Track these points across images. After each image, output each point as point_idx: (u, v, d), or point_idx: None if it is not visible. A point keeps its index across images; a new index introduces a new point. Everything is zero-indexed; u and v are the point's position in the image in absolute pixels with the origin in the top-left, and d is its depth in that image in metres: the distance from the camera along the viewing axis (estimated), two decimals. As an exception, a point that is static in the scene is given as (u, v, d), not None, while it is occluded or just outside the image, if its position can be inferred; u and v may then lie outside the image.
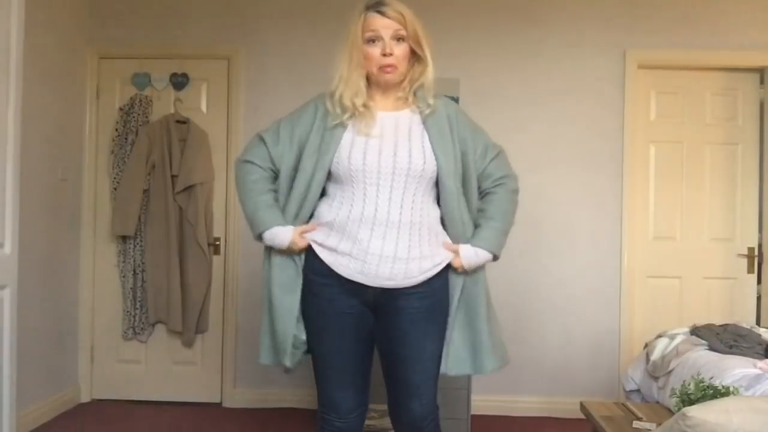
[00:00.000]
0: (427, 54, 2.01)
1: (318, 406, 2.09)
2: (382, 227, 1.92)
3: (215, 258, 4.11)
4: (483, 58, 4.07)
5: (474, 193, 2.08)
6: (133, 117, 4.07)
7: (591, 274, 4.02)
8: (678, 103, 4.12)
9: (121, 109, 4.11)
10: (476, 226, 2.09)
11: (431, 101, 2.01)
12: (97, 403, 4.10)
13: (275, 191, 2.07)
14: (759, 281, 4.08)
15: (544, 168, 4.04)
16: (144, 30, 4.13)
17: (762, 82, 4.09)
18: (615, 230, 4.03)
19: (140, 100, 4.09)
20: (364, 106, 1.96)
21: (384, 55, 1.93)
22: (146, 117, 4.09)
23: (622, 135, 4.03)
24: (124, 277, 4.08)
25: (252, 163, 2.09)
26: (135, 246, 4.06)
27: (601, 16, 4.05)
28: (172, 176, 4.00)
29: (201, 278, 4.02)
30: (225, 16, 4.13)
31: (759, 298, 4.08)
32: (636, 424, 2.42)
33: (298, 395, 3.99)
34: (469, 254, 2.04)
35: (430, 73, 2.01)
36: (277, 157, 2.05)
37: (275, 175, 2.07)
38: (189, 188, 3.98)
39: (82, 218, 4.10)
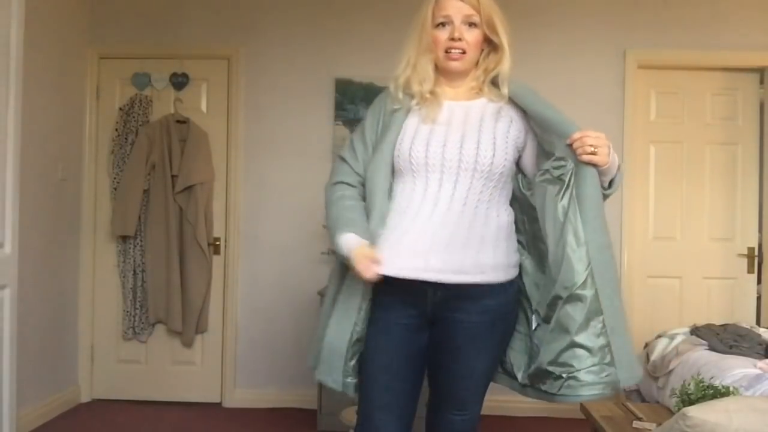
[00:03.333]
0: (504, 42, 1.87)
1: None
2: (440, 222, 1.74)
3: (215, 258, 4.11)
4: (483, 58, 4.07)
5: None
6: (133, 117, 4.07)
7: (591, 274, 4.01)
8: (678, 103, 4.12)
9: (121, 109, 4.11)
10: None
11: (506, 91, 1.87)
12: (97, 403, 4.10)
13: (362, 202, 1.85)
14: (759, 281, 4.08)
15: (544, 168, 4.03)
16: (144, 30, 4.13)
17: (762, 82, 4.09)
18: (615, 230, 4.02)
19: (140, 100, 4.10)
20: (431, 93, 1.83)
21: (452, 39, 1.80)
22: (146, 117, 4.09)
23: (622, 135, 4.02)
24: (124, 277, 4.08)
25: (338, 183, 1.88)
26: (135, 246, 4.06)
27: (601, 16, 4.05)
28: (172, 176, 3.99)
29: (201, 278, 4.02)
30: (225, 16, 4.13)
31: (759, 298, 4.08)
32: (636, 424, 2.42)
33: (298, 395, 3.99)
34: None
35: (507, 61, 1.88)
36: (361, 169, 1.86)
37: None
38: (189, 188, 3.98)
39: (82, 218, 4.10)
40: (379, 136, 1.84)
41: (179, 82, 4.12)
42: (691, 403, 2.10)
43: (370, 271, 1.68)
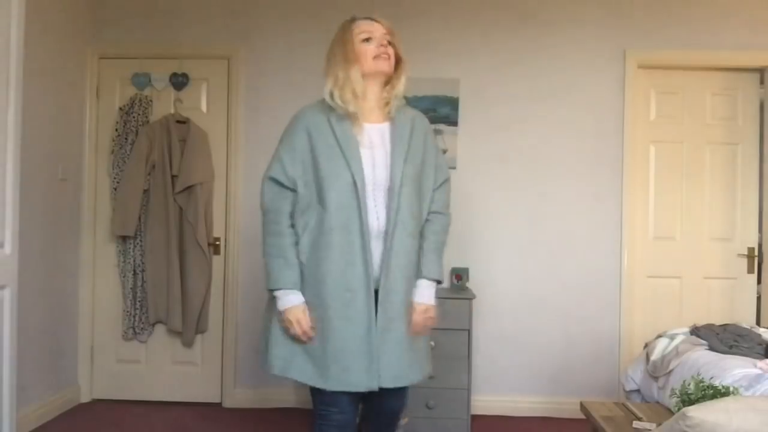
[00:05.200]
0: (404, 60, 2.23)
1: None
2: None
3: (215, 258, 4.11)
4: (483, 58, 4.07)
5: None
6: (133, 117, 4.07)
7: (591, 274, 4.02)
8: (678, 103, 4.12)
9: (121, 109, 4.11)
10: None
11: (403, 109, 2.23)
12: (97, 403, 4.10)
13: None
14: (759, 281, 4.08)
15: (544, 168, 4.04)
16: (144, 30, 4.13)
17: (762, 82, 4.09)
18: (615, 230, 4.03)
19: (140, 100, 4.10)
20: (354, 116, 2.13)
21: (380, 46, 2.15)
22: (146, 117, 4.09)
23: (622, 135, 4.03)
24: (124, 277, 4.08)
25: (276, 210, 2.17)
26: (135, 246, 4.06)
27: (601, 16, 4.06)
28: (172, 176, 4.00)
29: (201, 278, 4.02)
30: (225, 16, 4.13)
31: (759, 298, 4.08)
32: (636, 424, 2.42)
33: (298, 395, 3.99)
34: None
35: (403, 81, 2.22)
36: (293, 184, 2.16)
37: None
38: (189, 188, 3.98)
39: (82, 218, 4.10)
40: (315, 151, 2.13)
41: (179, 82, 4.12)
42: (691, 403, 2.10)
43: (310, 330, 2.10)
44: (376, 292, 2.09)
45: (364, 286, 2.07)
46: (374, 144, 2.13)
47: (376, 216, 2.10)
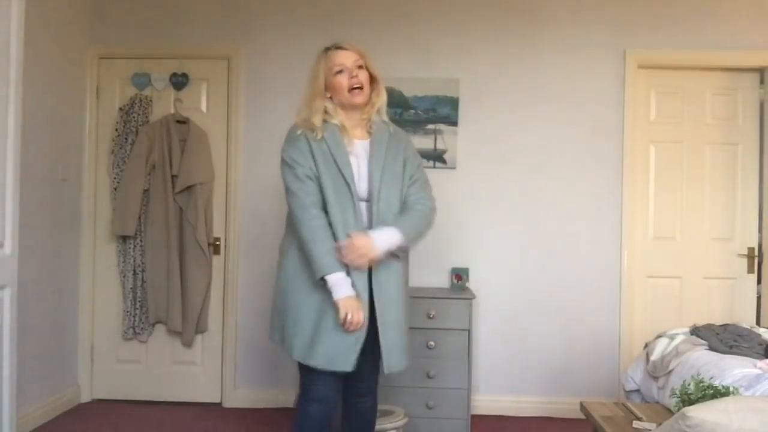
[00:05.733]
0: (379, 77, 2.45)
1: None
2: None
3: (215, 258, 4.11)
4: (483, 58, 4.07)
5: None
6: (133, 117, 4.07)
7: (591, 274, 4.02)
8: (678, 103, 4.12)
9: (121, 109, 4.11)
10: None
11: (386, 118, 2.48)
12: (97, 403, 4.10)
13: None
14: (759, 281, 4.08)
15: (544, 167, 4.04)
16: (144, 30, 4.13)
17: (762, 82, 4.09)
18: (615, 230, 4.03)
19: (140, 100, 4.10)
20: (342, 126, 2.38)
21: (352, 78, 2.36)
22: (146, 117, 4.09)
23: (622, 135, 4.03)
24: (124, 277, 4.08)
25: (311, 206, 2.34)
26: (135, 246, 4.06)
27: (601, 16, 4.05)
28: (172, 176, 4.00)
29: (201, 278, 4.02)
30: (225, 16, 4.13)
31: (759, 298, 4.08)
32: (636, 424, 2.42)
33: (298, 395, 3.99)
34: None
35: (383, 95, 2.46)
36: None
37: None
38: (189, 188, 3.98)
39: (82, 218, 4.10)
40: (321, 164, 2.33)
41: (179, 82, 4.12)
42: (691, 403, 2.10)
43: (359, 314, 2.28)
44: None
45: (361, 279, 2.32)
46: (359, 156, 2.39)
47: (362, 220, 2.36)
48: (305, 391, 2.40)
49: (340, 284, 2.26)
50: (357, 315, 2.25)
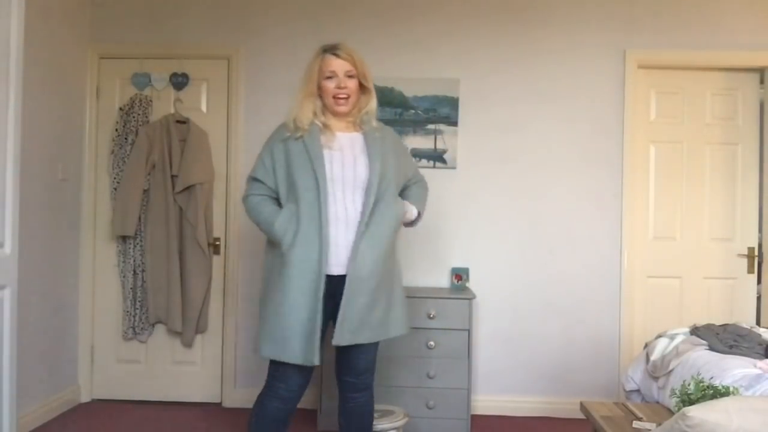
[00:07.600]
0: (371, 86, 2.53)
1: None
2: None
3: (215, 258, 4.11)
4: (483, 58, 4.08)
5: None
6: (133, 117, 4.07)
7: (591, 274, 4.02)
8: (678, 103, 4.12)
9: (121, 109, 4.11)
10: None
11: (375, 124, 2.55)
12: (97, 403, 4.10)
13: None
14: (759, 281, 4.08)
15: (544, 168, 4.04)
16: (144, 30, 4.13)
17: (762, 82, 4.09)
18: (615, 230, 4.03)
19: (140, 100, 4.10)
20: (325, 125, 2.47)
21: (339, 88, 2.44)
22: (146, 117, 4.09)
23: (622, 135, 4.03)
24: (124, 277, 4.08)
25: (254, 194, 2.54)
26: (135, 246, 4.06)
27: (601, 16, 4.06)
28: (172, 176, 4.00)
29: (201, 278, 4.02)
30: (225, 16, 4.13)
31: (759, 298, 4.08)
32: (636, 424, 2.42)
33: (298, 395, 3.99)
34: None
35: (373, 101, 2.54)
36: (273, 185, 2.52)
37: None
38: (189, 188, 3.98)
39: (82, 218, 4.10)
40: (290, 160, 2.44)
41: (179, 82, 4.12)
42: (691, 403, 2.10)
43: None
44: (342, 276, 2.37)
45: (316, 272, 2.34)
46: (344, 148, 2.45)
47: (345, 207, 2.39)
48: (270, 387, 2.50)
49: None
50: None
